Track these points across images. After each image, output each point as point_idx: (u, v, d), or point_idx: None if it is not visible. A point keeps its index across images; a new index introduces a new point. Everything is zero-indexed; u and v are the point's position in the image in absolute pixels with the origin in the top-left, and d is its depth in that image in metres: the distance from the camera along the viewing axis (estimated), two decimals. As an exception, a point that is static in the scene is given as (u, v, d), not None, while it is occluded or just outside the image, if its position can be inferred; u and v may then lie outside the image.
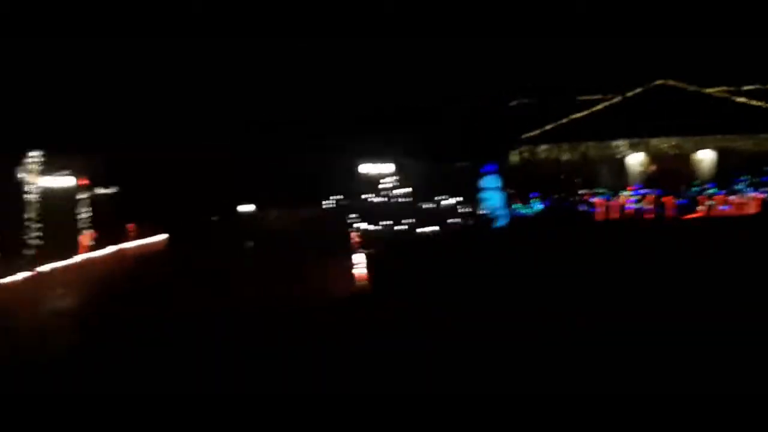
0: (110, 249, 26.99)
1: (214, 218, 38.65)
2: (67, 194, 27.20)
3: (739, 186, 30.55)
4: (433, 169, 33.35)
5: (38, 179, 26.29)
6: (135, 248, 28.66)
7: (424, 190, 32.82)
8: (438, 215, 31.19)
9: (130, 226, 30.09)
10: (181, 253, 27.61)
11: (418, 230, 29.61)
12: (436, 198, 33.26)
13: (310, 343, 10.56)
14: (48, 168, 26.84)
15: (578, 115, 33.84)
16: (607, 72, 38.71)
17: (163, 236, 32.09)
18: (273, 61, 33.29)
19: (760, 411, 7.06)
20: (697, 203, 30.29)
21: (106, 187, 30.29)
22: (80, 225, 27.26)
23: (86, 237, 26.51)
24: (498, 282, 14.84)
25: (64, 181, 26.45)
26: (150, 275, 21.12)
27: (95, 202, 28.77)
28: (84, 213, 27.87)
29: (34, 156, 26.83)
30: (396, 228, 30.37)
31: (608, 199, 31.32)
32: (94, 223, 27.64)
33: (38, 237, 24.84)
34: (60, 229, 26.27)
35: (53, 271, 21.63)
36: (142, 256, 26.57)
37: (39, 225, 25.73)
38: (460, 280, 15.38)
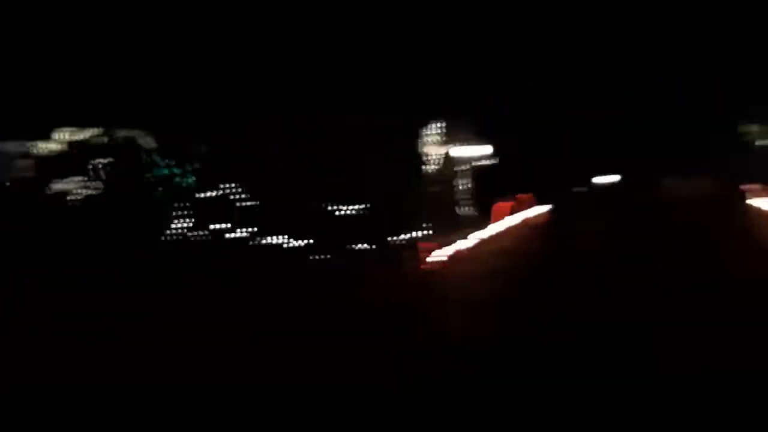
0: (513, 220, 26.32)
1: (579, 189, 36.77)
2: (465, 163, 26.97)
3: None
4: None
5: (440, 149, 26.35)
6: (534, 220, 27.76)
7: None
8: None
9: (524, 197, 29.21)
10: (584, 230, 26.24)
11: None
12: None
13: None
14: (446, 138, 26.82)
15: None
16: None
17: (545, 207, 30.92)
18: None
19: None
20: None
21: (492, 156, 29.74)
22: (480, 194, 26.94)
23: (501, 206, 26.07)
24: None
25: (472, 150, 26.19)
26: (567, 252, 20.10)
27: (485, 170, 28.28)
28: (478, 182, 27.53)
29: (436, 126, 26.92)
30: None
31: None
32: (490, 192, 27.13)
33: (448, 205, 24.93)
34: (454, 198, 26.26)
35: (487, 240, 21.34)
36: (546, 229, 25.63)
37: (440, 194, 25.87)
38: None
